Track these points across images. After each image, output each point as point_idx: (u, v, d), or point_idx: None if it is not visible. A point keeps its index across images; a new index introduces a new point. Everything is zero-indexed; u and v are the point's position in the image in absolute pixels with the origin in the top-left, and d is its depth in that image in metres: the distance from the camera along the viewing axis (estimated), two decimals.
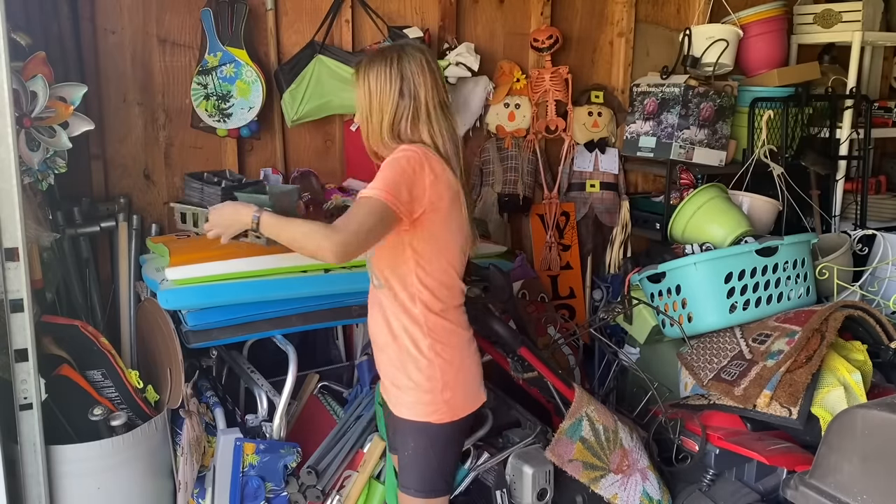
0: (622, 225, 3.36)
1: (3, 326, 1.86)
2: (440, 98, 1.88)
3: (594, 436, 2.36)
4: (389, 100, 1.83)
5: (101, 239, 2.67)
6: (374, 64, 1.85)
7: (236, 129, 2.75)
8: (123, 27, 2.66)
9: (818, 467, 1.72)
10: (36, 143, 2.16)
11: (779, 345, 2.31)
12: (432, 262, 1.84)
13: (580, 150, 3.34)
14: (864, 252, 2.96)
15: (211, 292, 2.22)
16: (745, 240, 2.68)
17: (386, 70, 1.83)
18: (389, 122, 1.84)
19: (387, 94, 1.83)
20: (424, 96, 1.84)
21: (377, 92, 1.84)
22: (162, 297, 2.20)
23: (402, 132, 1.85)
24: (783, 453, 2.18)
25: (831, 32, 3.43)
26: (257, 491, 2.19)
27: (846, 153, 3.38)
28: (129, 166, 2.73)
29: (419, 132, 1.85)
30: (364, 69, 1.87)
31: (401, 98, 1.83)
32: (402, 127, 1.85)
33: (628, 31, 3.42)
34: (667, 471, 2.44)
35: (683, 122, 3.02)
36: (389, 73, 1.83)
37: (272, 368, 2.45)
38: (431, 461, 1.91)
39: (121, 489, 2.10)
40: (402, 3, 3.04)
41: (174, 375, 2.23)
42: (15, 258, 1.85)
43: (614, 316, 2.78)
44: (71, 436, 2.07)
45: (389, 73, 1.83)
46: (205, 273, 2.23)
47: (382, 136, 1.86)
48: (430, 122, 1.85)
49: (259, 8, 2.81)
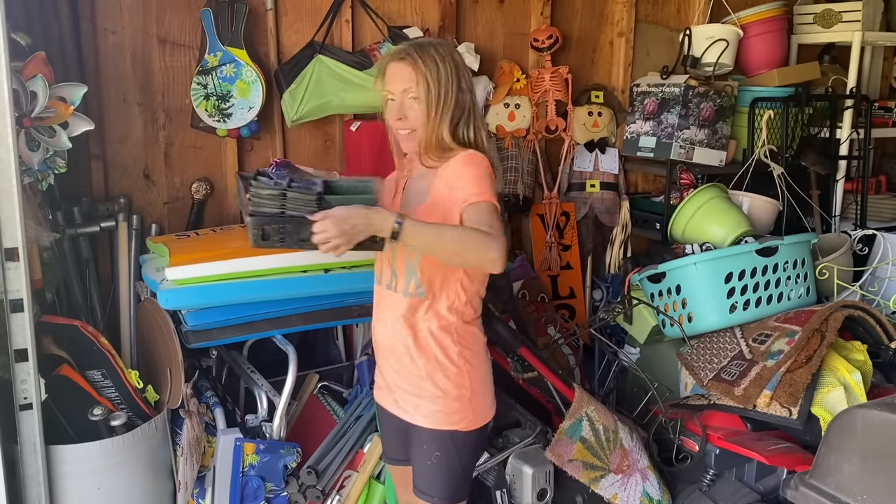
0: (622, 225, 3.36)
1: (3, 326, 1.86)
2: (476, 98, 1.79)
3: (594, 436, 2.36)
4: (452, 93, 1.71)
5: (101, 239, 2.67)
6: (429, 51, 1.71)
7: (236, 129, 2.75)
8: (123, 27, 2.66)
9: (818, 467, 1.72)
10: (36, 143, 2.16)
11: (779, 345, 2.31)
12: (476, 270, 1.79)
13: (580, 150, 3.34)
14: (864, 252, 2.96)
15: (211, 292, 2.22)
16: (745, 240, 2.68)
17: (444, 59, 1.71)
18: (450, 119, 1.72)
19: (450, 85, 1.71)
20: (473, 93, 1.75)
21: (441, 82, 1.69)
22: (162, 297, 2.20)
23: (460, 133, 1.75)
24: (783, 453, 2.18)
25: (831, 32, 3.43)
26: (257, 491, 2.19)
27: (846, 153, 3.38)
28: (129, 166, 2.73)
29: (474, 133, 1.76)
30: (419, 57, 1.70)
31: (461, 92, 1.73)
32: (461, 126, 1.75)
33: (628, 31, 3.42)
34: (667, 471, 2.44)
35: (683, 122, 3.02)
36: (447, 63, 1.71)
37: (272, 368, 2.45)
38: (457, 469, 1.85)
39: (121, 489, 2.10)
40: (402, 3, 3.04)
41: (174, 375, 2.23)
42: (15, 258, 1.85)
43: (614, 316, 2.78)
44: (71, 436, 2.07)
45: (447, 62, 1.71)
46: (205, 273, 2.22)
47: (442, 136, 1.73)
48: (480, 122, 1.78)
49: (259, 8, 2.81)
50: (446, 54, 1.72)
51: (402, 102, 1.75)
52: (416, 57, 1.71)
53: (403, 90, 1.74)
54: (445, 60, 1.71)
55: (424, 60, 1.70)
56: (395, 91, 1.76)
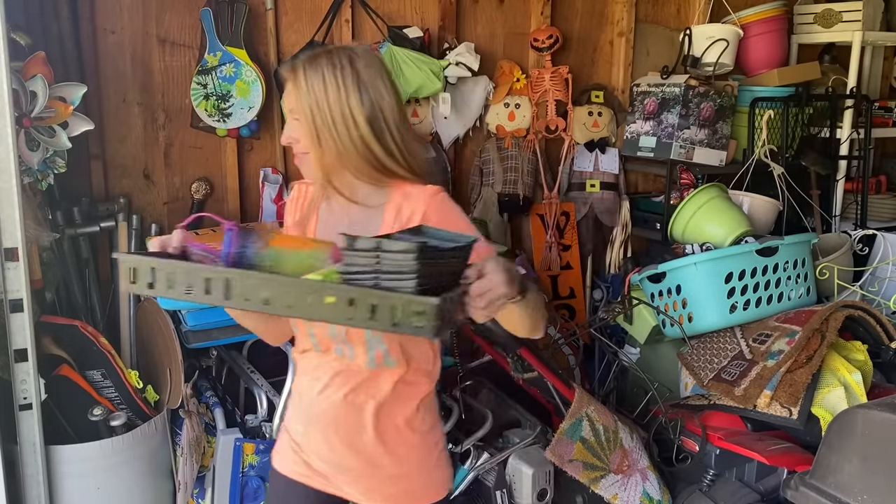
0: (622, 225, 3.36)
1: (3, 326, 1.87)
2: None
3: (594, 436, 2.37)
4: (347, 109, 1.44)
5: (101, 239, 2.67)
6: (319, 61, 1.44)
7: (236, 128, 2.75)
8: (123, 27, 2.65)
9: (818, 467, 1.72)
10: (35, 142, 2.16)
11: (779, 345, 2.31)
12: None
13: (580, 150, 3.34)
14: (864, 252, 2.96)
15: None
16: (745, 240, 2.67)
17: (335, 67, 1.43)
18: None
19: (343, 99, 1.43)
20: (390, 104, 1.46)
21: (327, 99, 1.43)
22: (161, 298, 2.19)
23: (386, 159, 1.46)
24: (783, 453, 2.18)
25: (831, 32, 3.43)
26: (257, 491, 2.19)
27: (846, 153, 3.38)
28: (129, 166, 2.73)
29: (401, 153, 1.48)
30: (301, 71, 1.43)
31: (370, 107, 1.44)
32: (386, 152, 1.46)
33: (628, 30, 3.42)
34: (667, 471, 2.44)
35: (683, 122, 3.02)
36: (336, 73, 1.43)
37: (272, 368, 2.44)
38: None
39: (121, 489, 2.10)
40: (402, 3, 3.04)
41: (174, 375, 2.23)
42: (15, 258, 1.85)
43: (614, 316, 2.78)
44: (71, 436, 2.07)
45: (338, 71, 1.43)
46: None
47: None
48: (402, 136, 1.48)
49: (259, 8, 2.81)
50: (348, 65, 1.41)
51: (289, 122, 1.51)
52: (299, 72, 1.43)
53: (289, 109, 1.49)
54: (336, 69, 1.40)
55: (308, 76, 1.41)
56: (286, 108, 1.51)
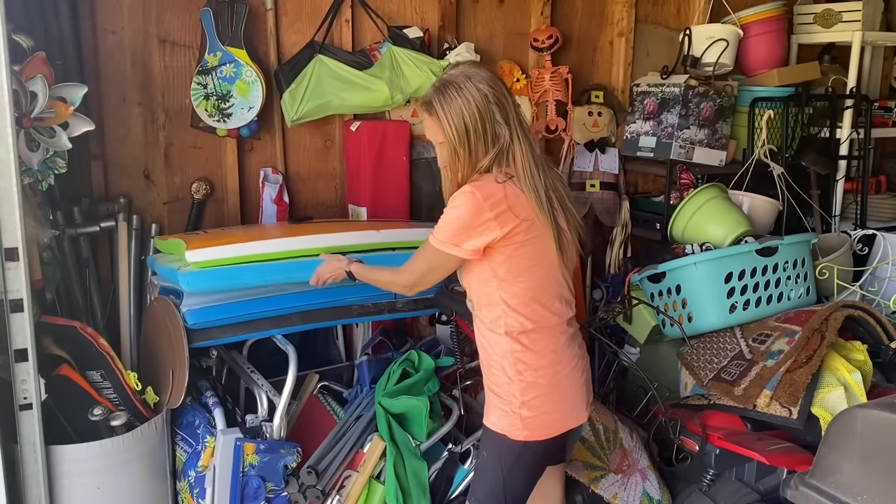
0: (622, 225, 3.36)
1: (3, 326, 1.86)
2: None
3: (594, 436, 2.37)
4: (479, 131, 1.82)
5: (101, 239, 2.67)
6: (449, 92, 1.81)
7: (236, 129, 2.75)
8: (123, 27, 2.66)
9: (818, 467, 1.72)
10: (35, 143, 2.16)
11: (779, 345, 2.31)
12: (512, 284, 1.84)
13: (580, 150, 3.34)
14: (864, 252, 2.96)
15: (231, 274, 2.24)
16: (745, 240, 2.68)
17: (469, 100, 1.82)
18: (479, 156, 1.83)
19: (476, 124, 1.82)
20: (513, 119, 1.86)
21: (465, 126, 1.81)
22: (183, 279, 2.21)
23: (494, 167, 1.85)
24: (783, 453, 2.18)
25: (831, 32, 3.43)
26: (257, 491, 2.19)
27: (846, 153, 3.38)
28: (129, 166, 2.73)
29: (512, 159, 1.87)
30: (439, 104, 1.82)
31: (493, 126, 1.83)
32: (496, 160, 1.84)
33: (628, 30, 3.42)
34: (667, 471, 2.44)
35: (683, 122, 3.02)
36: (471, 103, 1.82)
37: (272, 368, 2.44)
38: (497, 476, 1.87)
39: (121, 489, 2.10)
40: (402, 3, 3.04)
41: (177, 377, 2.23)
42: (15, 258, 1.85)
43: (614, 316, 2.78)
44: (71, 436, 2.07)
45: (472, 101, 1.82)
46: (224, 255, 2.25)
47: (471, 174, 1.86)
48: (521, 147, 1.86)
49: (259, 8, 2.81)
50: (478, 94, 1.78)
51: (438, 149, 1.89)
52: (438, 108, 1.80)
53: (436, 141, 1.87)
54: (474, 102, 1.77)
55: (446, 110, 1.79)
56: (431, 139, 1.89)
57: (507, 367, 1.84)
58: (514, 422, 1.84)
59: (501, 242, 1.76)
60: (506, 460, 1.86)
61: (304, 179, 3.00)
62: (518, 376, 1.83)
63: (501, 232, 1.74)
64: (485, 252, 1.78)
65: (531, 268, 1.81)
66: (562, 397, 1.87)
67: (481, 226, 1.74)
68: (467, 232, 1.75)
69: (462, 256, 1.79)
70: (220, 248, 2.26)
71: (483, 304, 1.86)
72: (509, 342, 1.83)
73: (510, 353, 1.83)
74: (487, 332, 1.87)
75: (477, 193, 1.74)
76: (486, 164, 1.80)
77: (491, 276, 1.81)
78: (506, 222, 1.74)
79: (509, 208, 1.75)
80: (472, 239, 1.75)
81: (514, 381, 1.83)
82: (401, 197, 2.98)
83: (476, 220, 1.74)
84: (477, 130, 1.78)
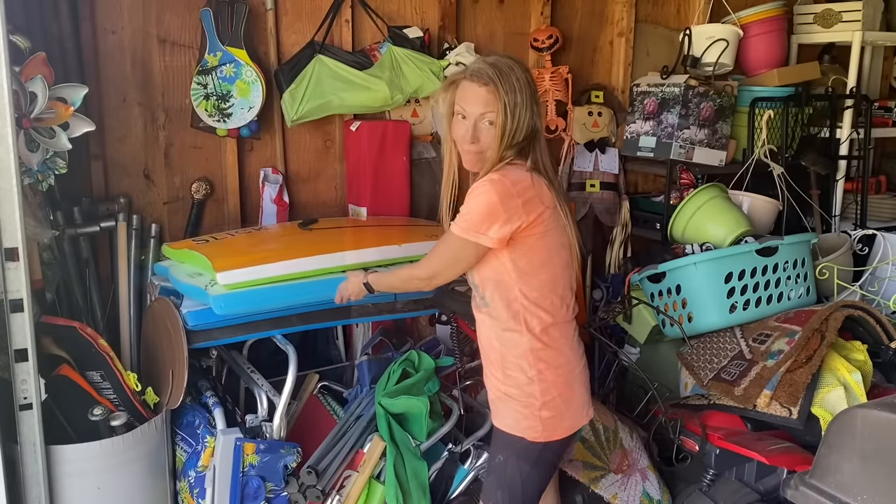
0: (622, 225, 3.36)
1: (3, 326, 1.87)
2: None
3: (594, 436, 2.37)
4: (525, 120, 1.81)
5: (101, 239, 2.67)
6: (510, 78, 1.79)
7: (236, 128, 2.75)
8: (123, 27, 2.66)
9: (818, 467, 1.72)
10: (35, 143, 2.16)
11: (779, 345, 2.31)
12: (531, 276, 1.83)
13: (580, 150, 3.34)
14: (864, 252, 2.96)
15: (265, 296, 2.24)
16: (745, 240, 2.68)
17: (523, 88, 1.81)
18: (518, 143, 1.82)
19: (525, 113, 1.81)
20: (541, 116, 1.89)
21: (518, 112, 1.80)
22: (216, 302, 2.19)
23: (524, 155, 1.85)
24: (783, 453, 2.18)
25: (831, 32, 3.43)
26: (257, 491, 2.19)
27: (846, 153, 3.38)
28: (129, 166, 2.73)
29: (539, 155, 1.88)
30: (501, 85, 1.79)
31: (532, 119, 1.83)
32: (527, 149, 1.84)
33: (628, 30, 3.42)
34: (667, 471, 2.44)
35: (683, 122, 3.02)
36: (524, 92, 1.81)
37: (272, 368, 2.44)
38: (515, 478, 1.86)
39: (121, 489, 2.10)
40: (402, 3, 3.04)
41: (177, 377, 2.23)
42: (15, 258, 1.85)
43: (614, 316, 2.78)
44: (71, 436, 2.07)
45: (524, 91, 1.81)
46: (256, 276, 2.24)
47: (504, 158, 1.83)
48: (542, 143, 1.89)
49: (259, 8, 2.81)
50: (524, 81, 1.79)
51: (475, 124, 1.80)
52: (499, 84, 1.76)
53: (481, 114, 1.79)
54: (524, 90, 1.77)
55: (506, 89, 1.76)
56: (470, 112, 1.81)
57: (526, 368, 1.82)
58: (533, 424, 1.82)
59: (525, 231, 1.76)
60: (524, 463, 1.85)
61: (305, 179, 3.00)
62: (539, 376, 1.81)
63: (528, 219, 1.74)
64: (508, 243, 1.77)
65: (551, 259, 1.82)
66: (575, 396, 1.88)
67: (509, 211, 1.73)
68: (494, 218, 1.73)
69: (487, 245, 1.76)
70: (251, 270, 2.23)
71: (500, 302, 1.83)
72: (530, 340, 1.81)
73: (530, 351, 1.81)
74: (503, 331, 1.84)
75: (505, 179, 1.74)
76: (512, 154, 1.79)
77: (511, 268, 1.79)
78: (532, 209, 1.75)
79: (536, 195, 1.76)
80: (500, 226, 1.73)
81: (534, 382, 1.81)
82: (401, 197, 2.98)
83: (505, 206, 1.73)
84: (524, 112, 1.77)
